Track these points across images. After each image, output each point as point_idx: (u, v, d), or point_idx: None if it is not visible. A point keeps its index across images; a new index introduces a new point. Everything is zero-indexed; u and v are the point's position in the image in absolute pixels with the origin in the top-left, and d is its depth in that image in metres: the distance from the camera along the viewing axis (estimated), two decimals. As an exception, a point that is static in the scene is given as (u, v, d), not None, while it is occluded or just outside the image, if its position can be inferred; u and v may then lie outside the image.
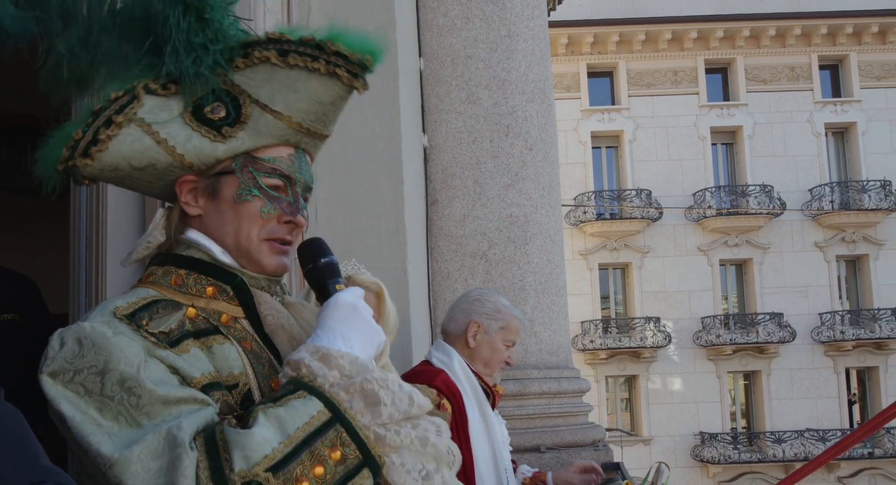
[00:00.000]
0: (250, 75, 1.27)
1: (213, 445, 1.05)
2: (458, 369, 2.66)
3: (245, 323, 1.28)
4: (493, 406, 2.73)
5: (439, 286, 3.86)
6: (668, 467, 2.61)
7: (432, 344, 3.85)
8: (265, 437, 1.06)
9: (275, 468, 1.04)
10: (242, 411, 1.16)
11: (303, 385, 1.14)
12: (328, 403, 1.12)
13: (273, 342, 1.30)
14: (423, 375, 2.59)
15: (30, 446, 1.20)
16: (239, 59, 1.27)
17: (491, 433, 2.58)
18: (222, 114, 1.26)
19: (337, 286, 1.28)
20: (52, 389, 1.10)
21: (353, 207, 3.11)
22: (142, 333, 1.15)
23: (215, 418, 1.12)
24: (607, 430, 16.42)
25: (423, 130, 3.90)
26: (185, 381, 1.14)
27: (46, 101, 1.29)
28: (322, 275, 1.29)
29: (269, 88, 1.26)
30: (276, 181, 1.28)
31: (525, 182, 3.92)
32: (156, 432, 1.05)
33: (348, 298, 1.24)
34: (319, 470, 1.07)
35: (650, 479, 2.59)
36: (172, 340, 1.17)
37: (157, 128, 1.24)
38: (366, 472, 1.11)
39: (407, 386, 1.20)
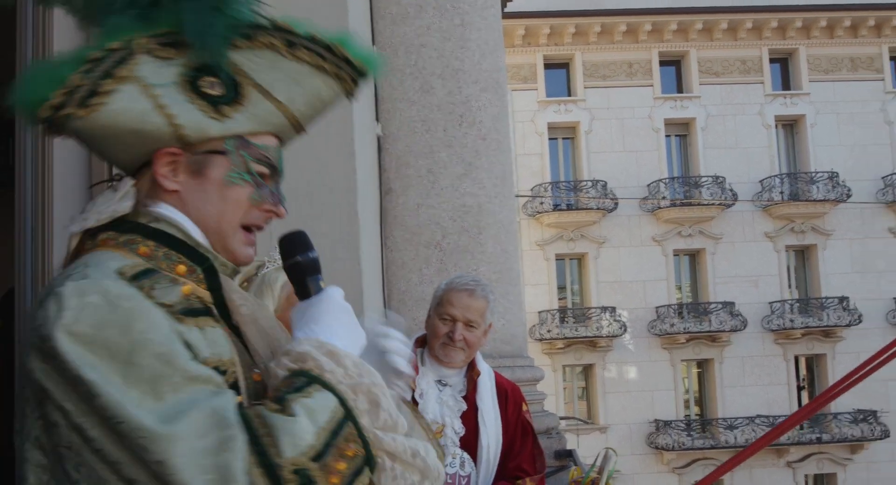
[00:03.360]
0: (250, 57, 1.23)
1: (251, 429, 1.03)
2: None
3: (214, 309, 1.24)
4: (472, 392, 2.75)
5: (394, 276, 3.86)
6: (615, 452, 2.66)
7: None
8: (304, 426, 1.04)
9: (316, 458, 1.04)
10: (266, 398, 1.13)
11: (315, 378, 1.12)
12: (340, 399, 1.11)
13: (242, 333, 1.25)
14: None
15: None
16: (239, 39, 1.23)
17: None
18: (220, 91, 1.21)
19: (321, 283, 1.27)
20: (71, 349, 1.01)
21: (305, 196, 3.09)
22: (153, 301, 1.09)
23: (236, 400, 1.08)
24: (563, 418, 16.62)
25: (377, 119, 3.89)
26: (196, 359, 1.09)
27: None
28: (304, 271, 1.28)
29: (272, 76, 1.24)
30: (263, 169, 1.26)
31: (479, 171, 3.93)
32: (197, 409, 1.01)
33: (339, 298, 1.24)
34: (342, 465, 1.06)
35: (598, 464, 2.64)
36: (177, 315, 1.12)
37: (158, 91, 1.18)
38: (367, 470, 1.11)
39: None
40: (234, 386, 1.15)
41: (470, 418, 2.75)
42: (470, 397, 2.77)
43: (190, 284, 1.19)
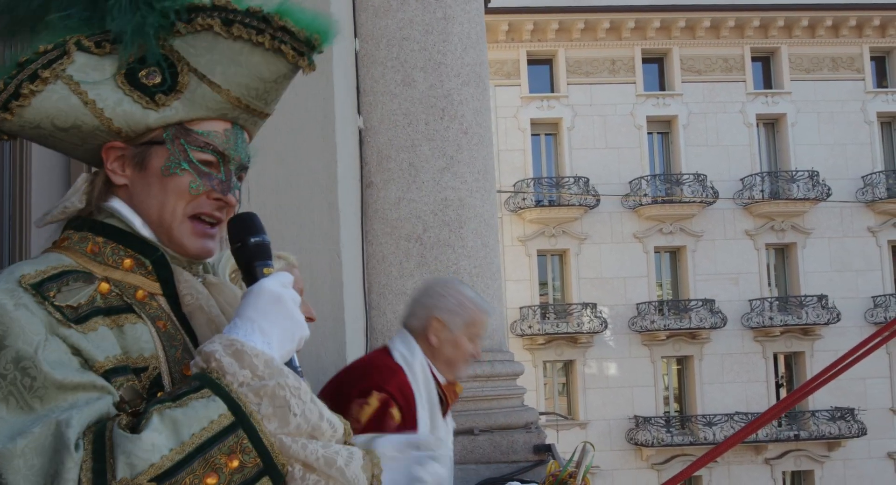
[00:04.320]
0: (191, 42, 1.19)
1: (100, 445, 0.99)
2: (418, 370, 2.50)
3: (162, 301, 1.22)
4: (445, 412, 2.58)
5: (374, 269, 3.84)
6: (592, 446, 2.66)
7: (366, 328, 3.84)
8: (155, 443, 0.99)
9: (160, 478, 0.98)
10: (138, 408, 1.09)
11: (209, 382, 1.07)
12: (233, 405, 1.05)
13: (190, 324, 1.23)
14: (380, 372, 2.43)
15: None
16: (181, 24, 1.19)
17: None
18: (157, 80, 1.19)
19: (265, 270, 1.19)
20: None
21: (286, 188, 3.07)
22: (47, 306, 1.08)
23: (112, 410, 1.06)
24: (543, 414, 16.68)
25: (359, 112, 3.87)
26: (87, 363, 1.07)
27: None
28: (250, 256, 1.20)
29: (209, 58, 1.19)
30: (208, 156, 1.21)
31: (460, 166, 3.92)
32: (45, 425, 0.99)
33: (273, 287, 1.16)
34: (212, 480, 1.01)
35: (576, 459, 2.64)
36: (80, 317, 1.10)
37: (87, 88, 1.17)
38: (266, 481, 1.05)
39: (319, 402, 1.14)
40: (157, 382, 1.14)
41: None
42: (446, 410, 2.63)
43: (114, 279, 1.18)
